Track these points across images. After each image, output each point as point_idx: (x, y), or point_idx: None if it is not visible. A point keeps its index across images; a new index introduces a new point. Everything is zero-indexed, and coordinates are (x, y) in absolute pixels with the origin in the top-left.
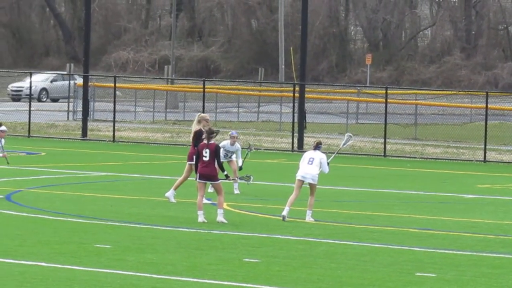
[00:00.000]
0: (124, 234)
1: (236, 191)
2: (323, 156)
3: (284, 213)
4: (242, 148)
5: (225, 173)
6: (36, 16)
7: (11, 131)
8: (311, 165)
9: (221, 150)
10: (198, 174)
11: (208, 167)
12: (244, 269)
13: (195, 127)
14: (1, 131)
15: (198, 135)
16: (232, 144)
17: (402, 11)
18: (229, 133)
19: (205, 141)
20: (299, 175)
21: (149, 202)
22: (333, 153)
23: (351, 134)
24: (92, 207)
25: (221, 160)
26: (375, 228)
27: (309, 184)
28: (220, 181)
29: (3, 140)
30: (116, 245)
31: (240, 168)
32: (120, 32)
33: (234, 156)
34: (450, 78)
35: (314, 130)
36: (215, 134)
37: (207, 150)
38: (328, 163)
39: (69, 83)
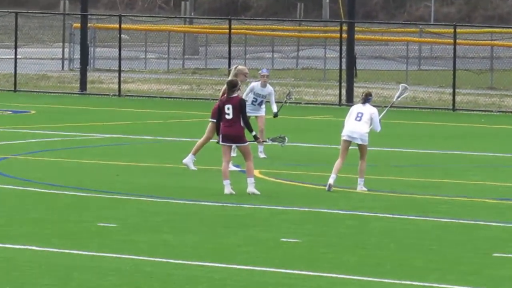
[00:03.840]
0: (133, 210)
1: (262, 155)
2: (375, 110)
3: (330, 181)
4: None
5: (254, 133)
6: None
7: None
8: (359, 122)
9: (250, 94)
10: (221, 136)
11: (232, 126)
12: (281, 251)
13: None
14: None
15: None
16: (263, 85)
17: None
18: (259, 71)
19: (226, 95)
20: (344, 134)
21: (163, 170)
22: (386, 107)
23: (406, 85)
24: (93, 177)
25: (248, 111)
26: (442, 198)
27: (358, 145)
28: (248, 143)
29: None
30: (124, 223)
31: (276, 115)
32: None
33: (262, 111)
34: None
35: (366, 79)
36: (238, 87)
37: (229, 106)
38: (380, 120)
39: (63, 24)
